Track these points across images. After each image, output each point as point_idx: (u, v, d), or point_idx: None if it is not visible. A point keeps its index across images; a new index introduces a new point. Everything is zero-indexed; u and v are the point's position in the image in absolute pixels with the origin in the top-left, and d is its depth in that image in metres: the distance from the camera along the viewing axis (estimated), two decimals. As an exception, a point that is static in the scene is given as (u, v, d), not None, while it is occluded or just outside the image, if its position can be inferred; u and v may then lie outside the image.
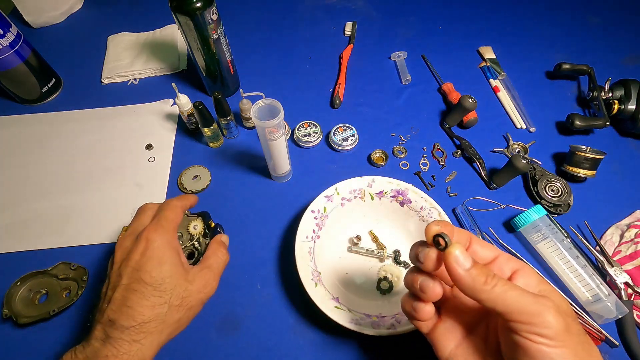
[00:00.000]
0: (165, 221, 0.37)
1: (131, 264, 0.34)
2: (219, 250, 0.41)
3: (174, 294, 0.34)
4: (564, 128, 0.62)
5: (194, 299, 0.36)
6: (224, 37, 0.58)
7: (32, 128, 0.64)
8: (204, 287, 0.37)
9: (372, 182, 0.50)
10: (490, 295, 0.24)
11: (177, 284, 0.34)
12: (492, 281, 0.24)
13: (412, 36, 0.77)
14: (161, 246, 0.35)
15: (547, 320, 0.23)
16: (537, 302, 0.23)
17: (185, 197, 0.42)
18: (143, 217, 0.39)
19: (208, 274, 0.38)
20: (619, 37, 0.76)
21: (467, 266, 0.24)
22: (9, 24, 0.59)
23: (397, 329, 0.40)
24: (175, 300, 0.34)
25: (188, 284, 0.35)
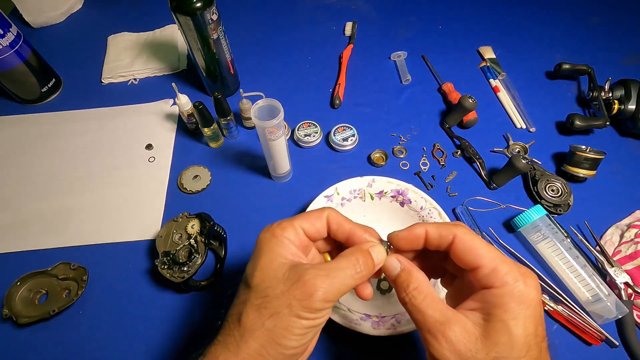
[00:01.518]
0: (289, 224, 0.30)
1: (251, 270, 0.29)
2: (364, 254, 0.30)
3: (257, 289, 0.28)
4: (564, 128, 0.62)
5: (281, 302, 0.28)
6: (224, 37, 0.58)
7: (32, 128, 0.64)
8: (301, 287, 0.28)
9: (372, 182, 0.50)
10: (405, 308, 0.28)
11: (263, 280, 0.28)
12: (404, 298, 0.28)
13: (412, 36, 0.77)
14: (271, 261, 0.28)
15: (435, 356, 0.25)
16: (429, 336, 0.26)
17: (348, 221, 0.32)
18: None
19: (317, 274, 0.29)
20: (619, 37, 0.76)
21: (392, 277, 0.29)
22: (9, 24, 0.59)
23: (397, 329, 0.40)
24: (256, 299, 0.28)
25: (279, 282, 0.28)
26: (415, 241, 0.30)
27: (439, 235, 0.29)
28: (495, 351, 0.24)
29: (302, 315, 0.25)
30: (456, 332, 0.25)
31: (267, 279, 0.27)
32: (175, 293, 0.48)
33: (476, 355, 0.24)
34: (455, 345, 0.25)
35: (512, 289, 0.25)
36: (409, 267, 0.29)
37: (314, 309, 0.25)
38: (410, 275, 0.28)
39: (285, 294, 0.26)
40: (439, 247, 0.29)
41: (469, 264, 0.27)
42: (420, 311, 0.27)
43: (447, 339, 0.25)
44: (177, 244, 0.46)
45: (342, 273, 0.27)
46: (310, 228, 0.30)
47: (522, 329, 0.24)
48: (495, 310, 0.25)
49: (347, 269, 0.27)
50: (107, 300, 0.47)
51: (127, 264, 0.50)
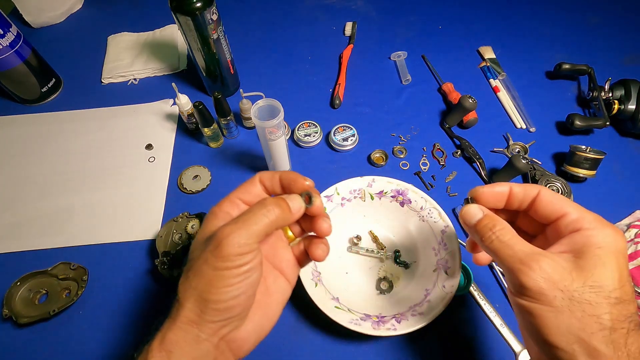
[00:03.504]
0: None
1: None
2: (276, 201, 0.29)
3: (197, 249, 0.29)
4: (564, 128, 0.62)
5: (197, 244, 0.29)
6: (224, 37, 0.58)
7: (32, 128, 0.64)
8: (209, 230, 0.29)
9: (372, 182, 0.50)
10: (489, 248, 0.28)
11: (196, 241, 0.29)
12: (491, 236, 0.28)
13: (412, 36, 0.77)
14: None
15: (527, 283, 0.25)
16: (521, 266, 0.26)
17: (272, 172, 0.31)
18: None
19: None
20: (619, 37, 0.76)
21: (472, 222, 0.30)
22: (9, 24, 0.59)
23: (397, 329, 0.40)
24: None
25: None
26: (499, 196, 0.31)
27: (524, 191, 0.30)
28: (592, 280, 0.24)
29: (219, 266, 0.25)
30: (550, 264, 0.25)
31: (194, 249, 0.28)
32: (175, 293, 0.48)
33: (572, 284, 0.24)
34: (549, 273, 0.25)
35: (603, 231, 0.26)
36: (492, 213, 0.30)
37: (227, 255, 0.25)
38: (494, 218, 0.29)
39: (203, 252, 0.26)
40: (521, 204, 0.31)
41: (554, 213, 0.28)
42: (509, 245, 0.27)
43: (540, 267, 0.25)
44: (177, 244, 0.46)
45: (252, 214, 0.27)
46: (247, 195, 0.30)
47: (617, 264, 0.25)
48: (588, 248, 0.25)
49: (256, 210, 0.27)
50: (107, 300, 0.47)
51: (127, 264, 0.50)
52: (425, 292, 0.44)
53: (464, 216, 0.31)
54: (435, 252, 0.47)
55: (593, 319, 0.24)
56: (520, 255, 0.26)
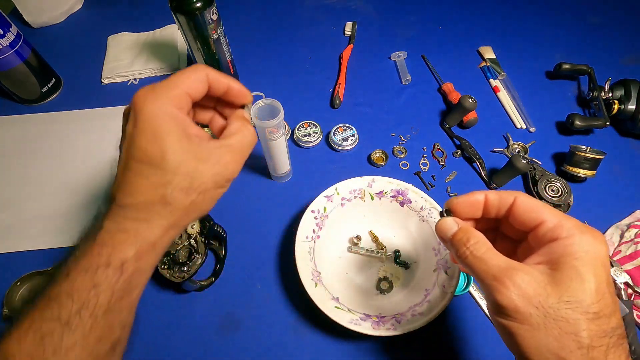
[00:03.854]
0: (165, 85, 0.27)
1: (127, 137, 0.27)
2: (245, 127, 0.31)
3: (179, 173, 0.27)
4: (564, 128, 0.62)
5: (208, 181, 0.28)
6: (224, 37, 0.58)
7: (32, 128, 0.64)
8: (222, 169, 0.29)
9: (372, 182, 0.50)
10: (464, 263, 0.28)
11: (183, 162, 0.27)
12: (465, 251, 0.28)
13: (412, 36, 0.77)
14: (154, 116, 0.26)
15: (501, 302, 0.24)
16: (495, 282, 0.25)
17: (220, 72, 0.31)
18: None
19: (227, 154, 0.29)
20: (619, 37, 0.76)
21: (448, 236, 0.30)
22: (9, 24, 0.59)
23: (397, 329, 0.40)
24: (181, 182, 0.27)
25: (198, 163, 0.28)
26: (474, 205, 0.31)
27: (500, 198, 0.29)
28: (567, 296, 0.23)
29: (225, 186, 0.30)
30: (524, 278, 0.24)
31: (184, 162, 0.27)
32: (175, 293, 0.48)
33: (547, 300, 0.23)
34: (523, 289, 0.24)
35: (581, 239, 0.25)
36: (467, 226, 0.29)
37: (230, 180, 0.30)
38: (468, 232, 0.28)
39: (211, 175, 0.28)
40: (499, 211, 0.30)
41: (531, 222, 0.27)
42: (483, 260, 0.26)
43: (514, 284, 0.24)
44: (177, 244, 0.46)
45: (246, 148, 0.31)
46: (195, 92, 0.29)
47: (594, 275, 0.24)
48: (565, 258, 0.24)
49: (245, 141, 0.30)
50: (107, 300, 0.47)
51: (127, 264, 0.50)
52: (425, 292, 0.44)
53: (438, 230, 0.31)
54: (435, 252, 0.47)
55: (570, 337, 0.23)
56: (494, 270, 0.25)
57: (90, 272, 0.25)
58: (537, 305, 0.23)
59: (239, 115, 0.33)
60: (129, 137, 0.27)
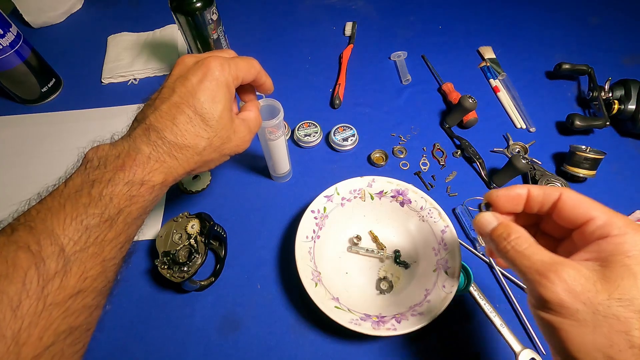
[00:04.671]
0: (234, 64, 0.34)
1: (187, 84, 0.32)
2: (255, 107, 0.39)
3: (218, 134, 0.33)
4: (564, 128, 0.62)
5: (232, 147, 0.35)
6: (224, 37, 0.58)
7: (32, 128, 0.64)
8: (241, 140, 0.36)
9: (372, 182, 0.50)
10: (506, 258, 0.27)
11: (224, 127, 0.33)
12: (506, 246, 0.27)
13: (412, 36, 0.77)
14: (221, 82, 0.32)
15: (546, 296, 0.24)
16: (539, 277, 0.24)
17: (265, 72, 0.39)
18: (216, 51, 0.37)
19: (246, 130, 0.37)
20: (619, 37, 0.76)
21: (487, 231, 0.29)
22: (9, 24, 0.59)
23: (397, 329, 0.40)
24: (217, 141, 0.33)
25: (232, 132, 0.35)
26: (516, 200, 0.30)
27: (544, 194, 0.29)
28: (618, 293, 0.22)
29: (235, 153, 0.37)
30: (570, 274, 0.23)
31: (225, 128, 0.34)
32: (175, 293, 0.48)
33: (597, 296, 0.22)
34: (570, 285, 0.23)
35: (634, 237, 0.24)
36: (507, 221, 0.28)
37: (242, 151, 0.37)
38: (509, 227, 0.28)
39: (234, 144, 0.35)
40: (541, 207, 0.29)
41: (579, 218, 0.27)
42: (526, 256, 0.25)
43: (560, 278, 0.23)
44: (177, 244, 0.46)
45: (255, 126, 0.38)
46: (246, 79, 0.36)
47: None
48: (616, 257, 0.23)
49: (257, 122, 0.39)
50: (107, 300, 0.47)
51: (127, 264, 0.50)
52: (425, 292, 0.44)
53: (477, 225, 0.30)
54: (435, 252, 0.47)
55: (621, 335, 0.22)
56: (538, 265, 0.24)
57: (129, 185, 0.29)
58: (585, 302, 0.22)
59: (255, 102, 0.40)
60: (191, 85, 0.32)
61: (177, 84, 0.33)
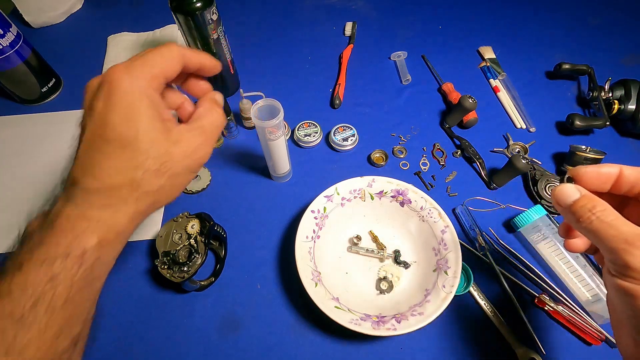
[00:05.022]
0: (141, 63, 0.26)
1: (94, 115, 0.26)
2: (214, 109, 0.31)
3: (151, 156, 0.26)
4: (564, 128, 0.62)
5: (178, 165, 0.27)
6: (224, 37, 0.58)
7: (32, 128, 0.64)
8: (192, 151, 0.28)
9: (372, 182, 0.50)
10: (588, 228, 0.25)
11: (154, 145, 0.26)
12: (590, 217, 0.25)
13: (412, 36, 0.77)
14: (130, 93, 0.25)
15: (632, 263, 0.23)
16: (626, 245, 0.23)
17: (193, 49, 0.30)
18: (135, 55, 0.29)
19: (198, 137, 0.29)
20: (619, 37, 0.76)
21: (568, 202, 0.27)
22: (9, 24, 0.59)
23: (397, 329, 0.40)
24: (153, 164, 0.26)
25: (170, 145, 0.27)
26: (604, 178, 0.28)
27: (638, 175, 0.27)
28: None
29: (195, 171, 0.30)
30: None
31: (157, 143, 0.26)
32: (175, 293, 0.48)
33: None
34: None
35: None
36: (591, 194, 0.27)
37: (201, 165, 0.30)
38: (594, 199, 0.26)
39: (182, 158, 0.27)
40: (632, 189, 0.28)
41: None
42: (613, 226, 0.24)
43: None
44: (177, 244, 0.46)
45: (215, 129, 0.30)
46: (171, 73, 0.28)
47: None
48: None
49: (215, 123, 0.30)
50: (106, 300, 0.47)
51: (126, 264, 0.50)
52: (425, 292, 0.44)
53: (557, 196, 0.27)
54: (435, 252, 0.47)
55: None
56: (627, 235, 0.23)
57: (47, 263, 0.23)
58: None
59: (209, 97, 0.32)
60: (97, 114, 0.25)
61: (86, 119, 0.27)
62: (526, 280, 0.48)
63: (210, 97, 0.32)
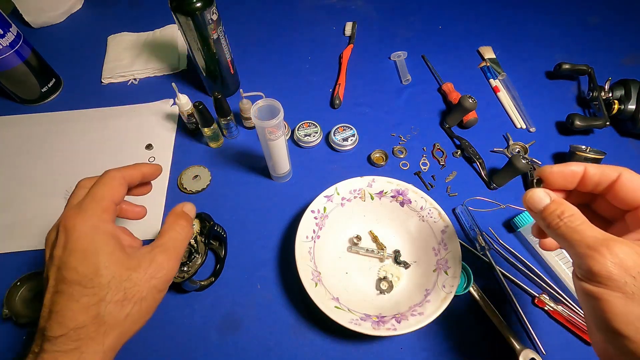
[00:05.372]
0: (90, 201, 0.29)
1: (55, 262, 0.28)
2: (176, 223, 0.33)
3: (112, 287, 0.27)
4: (564, 128, 0.62)
5: (143, 288, 0.28)
6: (224, 37, 0.58)
7: (32, 128, 0.64)
8: (155, 271, 0.29)
9: (372, 182, 0.50)
10: (556, 233, 0.27)
11: (115, 275, 0.27)
12: (558, 223, 0.27)
13: (412, 36, 0.77)
14: (85, 234, 0.27)
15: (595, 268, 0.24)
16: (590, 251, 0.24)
17: (130, 166, 0.34)
18: (73, 198, 0.31)
19: (160, 256, 0.30)
20: (619, 37, 0.76)
21: (538, 208, 0.28)
22: (9, 24, 0.59)
23: (397, 329, 0.40)
24: (115, 295, 0.27)
25: (131, 272, 0.28)
26: (570, 177, 0.30)
27: (601, 173, 0.29)
28: None
29: (163, 289, 0.30)
30: (623, 249, 0.23)
31: (117, 273, 0.27)
32: (175, 293, 0.48)
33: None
34: (621, 259, 0.23)
35: None
36: (560, 199, 0.28)
37: (169, 281, 0.30)
38: (562, 204, 0.27)
39: (145, 281, 0.28)
40: (597, 186, 0.29)
41: (637, 200, 0.28)
42: (578, 232, 0.25)
43: (612, 253, 0.23)
44: (177, 244, 0.46)
45: (179, 243, 0.32)
46: (119, 198, 0.31)
47: None
48: None
49: (179, 237, 0.32)
50: (107, 300, 0.47)
51: (127, 264, 0.50)
52: (425, 292, 0.44)
53: (528, 201, 0.29)
54: (435, 252, 0.47)
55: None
56: (590, 240, 0.24)
57: None
58: (635, 276, 0.23)
59: (172, 212, 0.34)
60: (57, 260, 0.27)
61: (48, 269, 0.28)
62: (526, 280, 0.48)
63: (174, 212, 0.34)
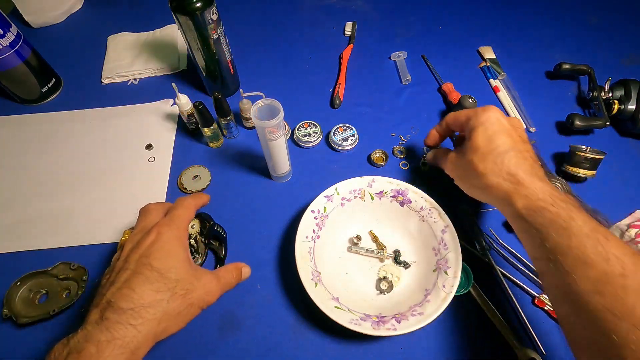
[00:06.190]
0: (177, 218, 0.38)
1: (140, 251, 0.34)
2: (234, 271, 0.41)
3: (179, 284, 0.34)
4: (564, 128, 0.62)
5: (197, 296, 0.35)
6: (224, 37, 0.58)
7: (32, 128, 0.64)
8: (207, 290, 0.37)
9: (372, 182, 0.50)
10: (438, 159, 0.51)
11: (184, 276, 0.35)
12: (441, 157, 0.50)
13: (412, 36, 0.77)
14: (171, 239, 0.36)
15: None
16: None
17: (198, 196, 0.44)
18: (150, 216, 0.39)
19: (214, 282, 0.37)
20: (619, 37, 0.76)
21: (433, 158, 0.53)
22: (9, 24, 0.59)
23: (397, 329, 0.40)
24: (180, 289, 0.34)
25: (194, 279, 0.35)
26: (436, 138, 0.52)
27: (442, 129, 0.50)
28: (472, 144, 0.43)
29: (203, 305, 0.36)
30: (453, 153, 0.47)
31: (185, 275, 0.35)
32: (175, 293, 0.48)
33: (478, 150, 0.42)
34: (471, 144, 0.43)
35: (476, 114, 0.43)
36: (434, 151, 0.53)
37: (211, 303, 0.37)
38: (439, 151, 0.52)
39: (200, 293, 0.36)
40: (446, 132, 0.51)
41: (459, 124, 0.47)
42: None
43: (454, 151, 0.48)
44: (177, 244, 0.46)
45: (227, 287, 0.39)
46: (190, 220, 0.41)
47: (483, 129, 0.42)
48: (473, 128, 0.43)
49: (228, 283, 0.40)
50: (107, 300, 0.47)
51: (127, 264, 0.50)
52: (425, 292, 0.44)
53: (429, 159, 0.53)
54: (435, 252, 0.47)
55: (494, 159, 0.41)
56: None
57: None
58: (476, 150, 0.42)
59: (236, 265, 0.42)
60: (144, 250, 0.34)
61: (130, 255, 0.35)
62: (526, 280, 0.48)
63: (236, 266, 0.42)
